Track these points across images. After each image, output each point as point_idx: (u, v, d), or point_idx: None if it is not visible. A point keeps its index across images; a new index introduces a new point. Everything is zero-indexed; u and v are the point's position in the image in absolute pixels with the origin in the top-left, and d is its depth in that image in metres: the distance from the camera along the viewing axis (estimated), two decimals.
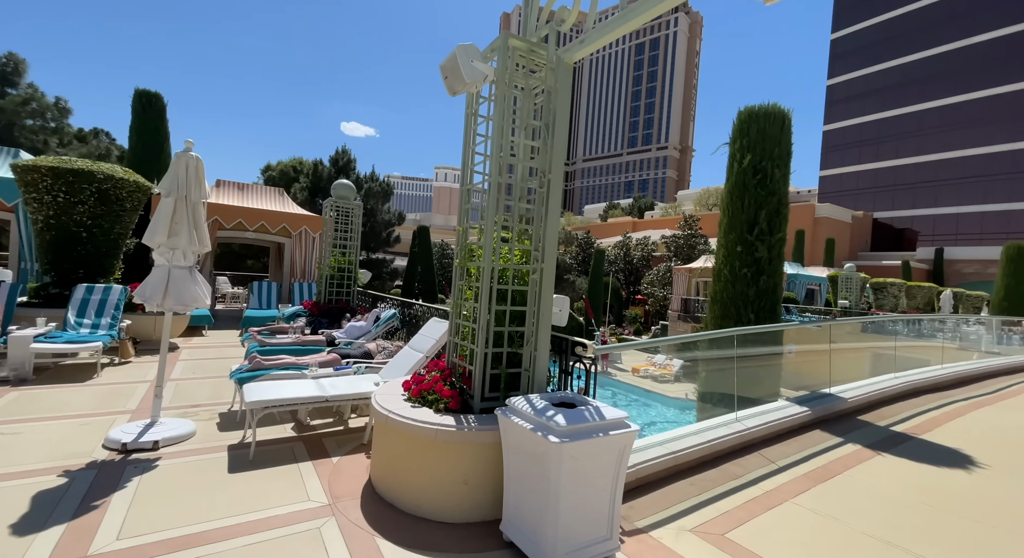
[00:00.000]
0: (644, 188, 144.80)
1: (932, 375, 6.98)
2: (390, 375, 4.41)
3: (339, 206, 8.48)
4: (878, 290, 28.02)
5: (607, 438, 2.38)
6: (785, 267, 27.52)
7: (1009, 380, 7.93)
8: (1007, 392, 6.80)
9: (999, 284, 13.41)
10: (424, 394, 3.20)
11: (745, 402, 5.01)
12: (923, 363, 7.89)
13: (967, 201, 46.55)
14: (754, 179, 5.79)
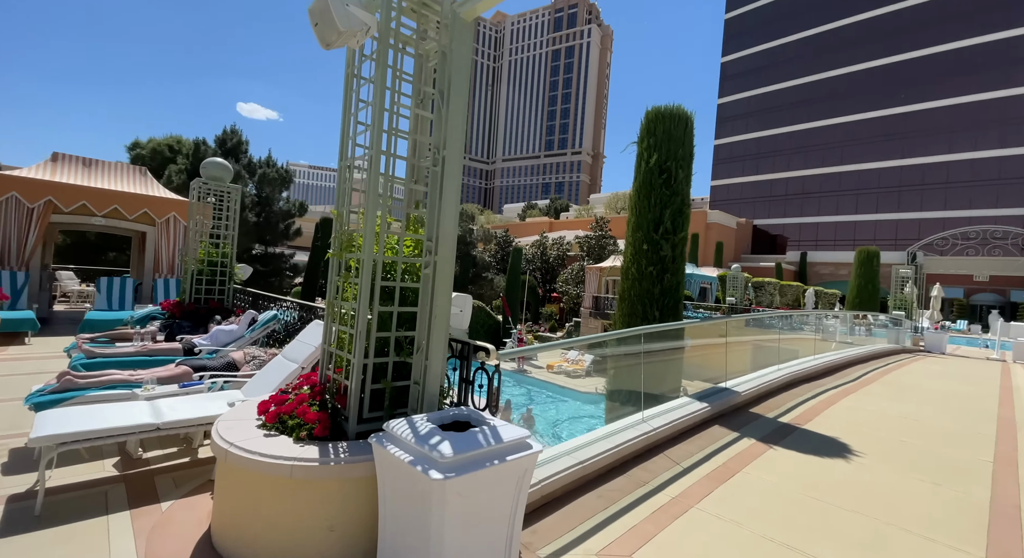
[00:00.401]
0: (560, 190, 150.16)
1: (806, 366, 7.70)
2: (254, 391, 3.64)
3: (212, 189, 7.21)
4: (758, 288, 31.60)
5: (504, 465, 1.99)
6: None
7: (862, 368, 9.08)
8: (863, 380, 7.72)
9: (852, 284, 15.59)
10: (283, 418, 2.56)
11: (651, 399, 4.98)
12: (799, 354, 8.73)
13: (825, 212, 54.58)
14: (660, 178, 5.87)
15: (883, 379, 7.94)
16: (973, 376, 9.19)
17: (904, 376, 8.48)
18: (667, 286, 5.91)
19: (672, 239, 5.87)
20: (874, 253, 15.49)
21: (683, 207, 5.95)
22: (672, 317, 6.04)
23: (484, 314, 23.86)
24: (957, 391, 7.31)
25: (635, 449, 3.88)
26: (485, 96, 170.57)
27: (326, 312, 2.95)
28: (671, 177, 5.85)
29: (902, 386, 7.48)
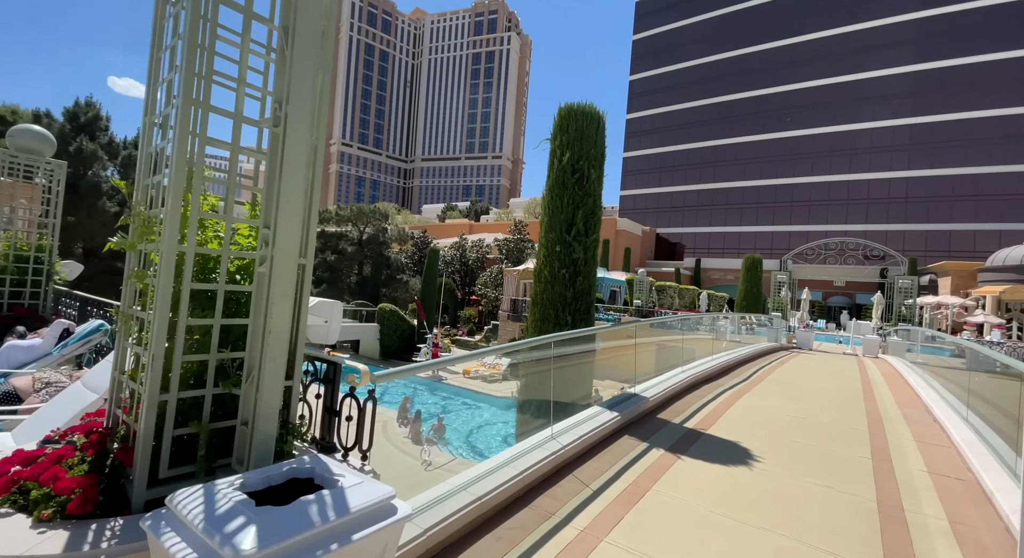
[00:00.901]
0: (481, 193, 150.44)
1: (706, 367, 8.00)
2: (31, 434, 2.60)
3: (22, 164, 5.60)
4: (660, 291, 33.93)
5: (349, 549, 1.39)
6: None
7: (752, 367, 9.77)
8: (754, 379, 8.23)
9: (740, 288, 17.08)
10: (26, 486, 1.71)
11: (561, 410, 4.65)
12: (700, 354, 9.10)
13: (716, 223, 60.62)
14: (573, 178, 5.62)
15: (770, 377, 8.53)
16: (838, 371, 10.34)
17: (786, 373, 9.24)
18: (580, 289, 5.68)
19: (585, 241, 5.64)
20: (757, 260, 17.18)
21: (595, 209, 5.76)
22: (584, 321, 5.83)
23: (397, 319, 22.60)
24: (830, 386, 8.06)
25: (543, 472, 3.47)
26: (404, 93, 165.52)
27: (119, 324, 2.10)
28: (584, 177, 5.63)
29: (786, 383, 8.08)
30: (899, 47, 50.27)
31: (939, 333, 13.43)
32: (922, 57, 49.05)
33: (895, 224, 49.53)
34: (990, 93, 46.36)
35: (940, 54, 48.22)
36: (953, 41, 47.70)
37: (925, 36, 49.01)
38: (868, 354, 17.59)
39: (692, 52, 63.47)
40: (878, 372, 10.37)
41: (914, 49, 49.45)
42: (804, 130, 55.13)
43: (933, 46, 48.55)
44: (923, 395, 6.96)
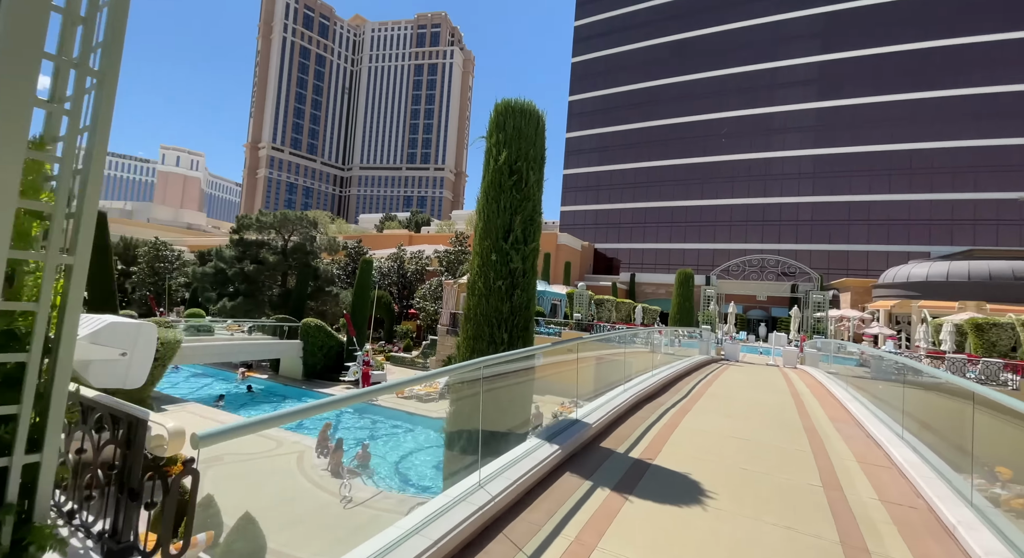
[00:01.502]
0: (422, 204, 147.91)
1: (648, 383, 7.71)
2: None
3: None
4: (599, 305, 34.52)
5: None
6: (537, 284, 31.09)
7: (690, 381, 9.70)
8: (694, 394, 8.07)
9: (674, 302, 17.48)
10: None
11: (493, 444, 3.97)
12: (640, 368, 8.84)
13: (648, 240, 63.59)
14: (510, 180, 5.07)
15: (708, 392, 8.43)
16: (768, 384, 10.60)
17: (721, 388, 9.24)
18: (517, 303, 5.09)
19: (523, 250, 5.08)
20: (689, 275, 17.74)
21: (535, 215, 5.24)
22: (523, 340, 5.23)
23: (323, 334, 20.81)
24: (764, 401, 8.08)
25: (466, 535, 2.76)
26: (342, 99, 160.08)
27: None
28: (522, 179, 5.09)
29: (723, 398, 8.00)
30: (804, 85, 56.25)
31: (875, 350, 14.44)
32: (823, 95, 55.19)
33: (803, 244, 54.68)
34: (874, 130, 53.03)
35: (837, 94, 54.54)
36: (847, 83, 54.19)
37: (825, 77, 55.27)
38: (788, 365, 18.67)
39: (627, 77, 67.00)
40: (803, 384, 10.74)
41: (816, 88, 55.56)
42: (726, 155, 59.73)
43: (832, 86, 54.84)
44: (851, 409, 7.09)
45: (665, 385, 8.47)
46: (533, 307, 5.31)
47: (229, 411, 16.08)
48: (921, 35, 51.11)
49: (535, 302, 5.40)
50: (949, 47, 50.17)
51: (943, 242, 49.89)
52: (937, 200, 50.74)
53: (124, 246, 45.53)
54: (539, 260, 29.50)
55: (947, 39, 50.11)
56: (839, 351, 14.38)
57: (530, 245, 5.13)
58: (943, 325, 23.54)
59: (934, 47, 50.69)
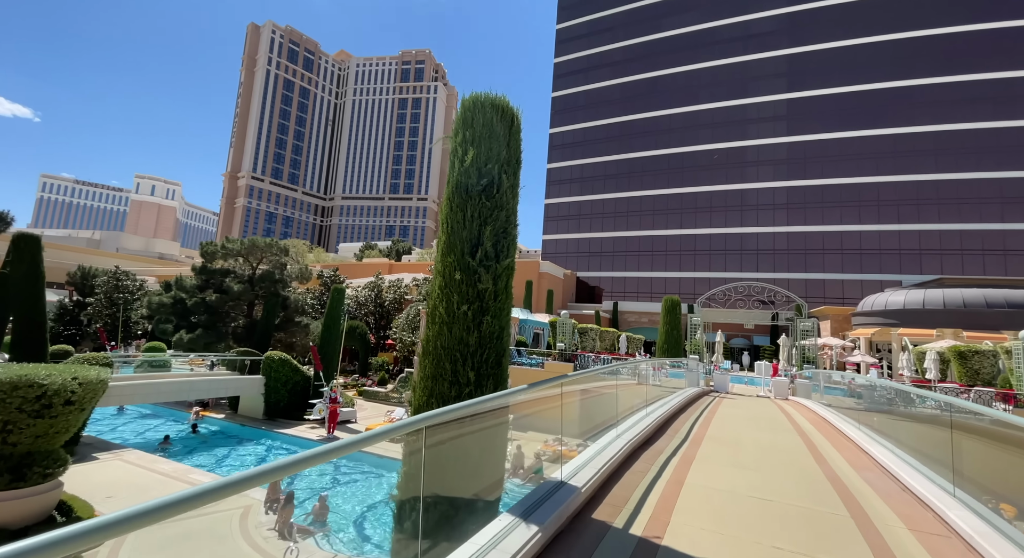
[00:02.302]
0: (405, 234, 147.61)
1: (642, 426, 6.73)
2: None
3: None
4: (583, 334, 33.62)
5: None
6: (517, 312, 29.81)
7: (686, 419, 8.75)
8: (693, 438, 7.12)
9: (661, 331, 16.69)
10: None
11: (447, 525, 2.94)
12: (633, 405, 7.86)
13: (631, 268, 63.73)
14: (479, 185, 4.24)
15: (709, 434, 7.49)
16: (768, 420, 9.73)
17: (722, 428, 8.32)
18: (487, 333, 4.14)
19: (494, 267, 4.17)
20: (676, 303, 17.08)
21: (508, 226, 4.37)
22: (493, 378, 4.24)
23: (288, 369, 19.24)
24: (773, 443, 7.17)
25: None
26: (325, 130, 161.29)
27: None
28: (493, 184, 4.26)
29: (727, 441, 7.07)
30: (774, 121, 58.63)
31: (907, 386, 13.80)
32: (792, 131, 57.52)
33: (780, 273, 55.45)
34: (842, 164, 55.18)
35: (805, 129, 56.92)
36: (813, 119, 56.69)
37: (793, 113, 57.78)
38: (779, 396, 17.92)
39: (605, 112, 68.97)
40: (805, 420, 9.92)
41: (785, 124, 57.93)
42: (703, 186, 61.13)
43: (799, 122, 57.27)
44: (874, 453, 6.23)
45: (661, 425, 7.50)
46: (507, 337, 4.36)
47: (175, 458, 14.30)
48: (877, 77, 54.23)
49: (509, 331, 4.46)
50: (902, 88, 53.26)
51: (913, 271, 51.25)
52: (905, 230, 52.45)
53: (82, 275, 43.03)
54: (520, 287, 29.11)
55: (900, 81, 53.25)
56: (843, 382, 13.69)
57: (503, 262, 4.24)
58: (926, 353, 23.33)
59: (889, 88, 53.74)
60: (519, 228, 4.55)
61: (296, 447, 16.30)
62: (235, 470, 13.08)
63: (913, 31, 53.24)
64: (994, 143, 49.48)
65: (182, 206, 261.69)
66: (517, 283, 46.33)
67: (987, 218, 49.26)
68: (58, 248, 55.55)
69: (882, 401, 9.67)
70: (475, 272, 4.06)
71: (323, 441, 16.45)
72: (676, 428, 7.67)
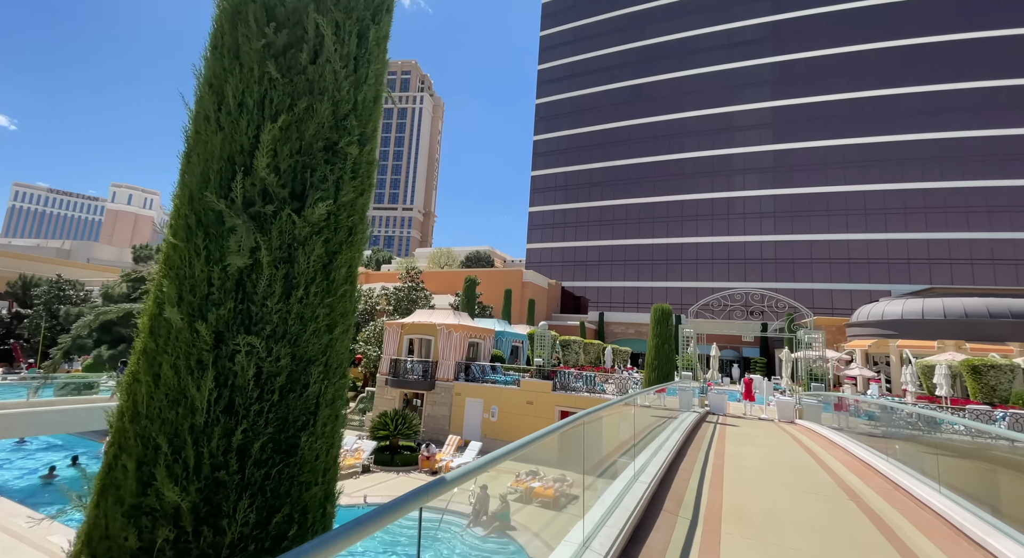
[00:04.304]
0: (390, 244, 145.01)
1: (633, 502, 4.37)
2: None
3: None
4: (565, 347, 31.29)
5: None
6: (494, 324, 27.33)
7: (694, 458, 6.44)
8: (707, 516, 4.78)
9: (650, 344, 14.47)
10: None
11: None
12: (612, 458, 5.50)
13: (616, 278, 61.91)
14: (263, 33, 1.94)
15: (727, 506, 5.16)
16: (791, 462, 7.48)
17: (740, 472, 6.06)
18: (246, 378, 1.74)
19: (288, 221, 1.84)
20: (668, 312, 14.89)
21: (340, 134, 2.05)
22: (268, 499, 1.80)
23: None
24: (808, 504, 4.88)
25: None
26: None
27: None
28: (303, 38, 1.98)
29: (758, 524, 4.76)
30: (759, 129, 57.89)
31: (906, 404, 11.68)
32: (777, 139, 56.78)
33: (768, 282, 54.11)
34: (828, 172, 54.46)
35: (790, 137, 56.22)
36: (799, 127, 56.05)
37: (778, 121, 57.11)
38: (784, 419, 15.75)
39: (590, 119, 67.78)
40: (832, 458, 7.69)
41: (771, 132, 57.21)
42: (689, 195, 59.91)
43: (785, 130, 56.58)
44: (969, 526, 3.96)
45: (671, 466, 5.16)
46: (337, 384, 1.99)
47: (42, 507, 11.41)
48: (863, 85, 53.93)
49: (341, 358, 2.07)
50: (888, 97, 52.96)
51: (902, 280, 50.29)
52: (893, 239, 51.63)
53: (23, 285, 39.45)
54: (499, 297, 26.34)
55: (886, 89, 52.97)
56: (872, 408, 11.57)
57: (317, 209, 1.89)
58: (935, 368, 21.45)
59: (875, 96, 53.42)
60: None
61: None
62: None
63: (899, 40, 53.18)
64: (979, 152, 49.18)
65: (160, 216, 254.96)
66: (495, 292, 43.86)
67: (975, 227, 48.67)
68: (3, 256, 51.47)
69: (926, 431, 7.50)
70: (228, 229, 1.70)
71: None
72: (688, 468, 5.35)
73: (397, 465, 15.68)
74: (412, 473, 15.39)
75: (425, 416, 20.71)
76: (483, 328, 23.14)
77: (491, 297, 42.79)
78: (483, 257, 71.22)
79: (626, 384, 17.31)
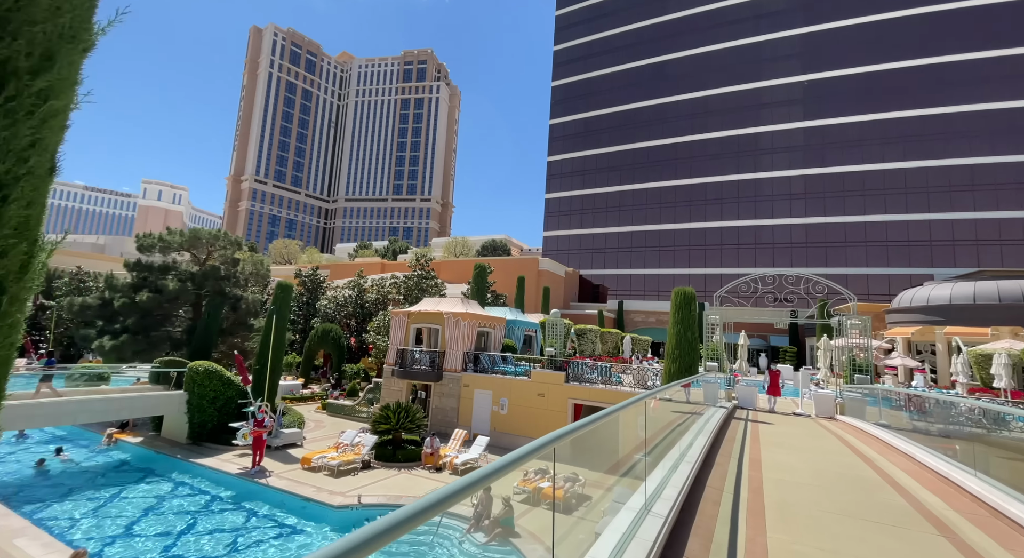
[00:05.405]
0: (408, 235, 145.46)
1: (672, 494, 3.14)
2: None
3: None
4: (581, 335, 29.96)
5: None
6: (505, 313, 26.19)
7: (724, 468, 5.13)
8: (752, 513, 3.51)
9: (671, 332, 13.06)
10: None
11: None
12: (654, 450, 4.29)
13: (636, 265, 59.89)
14: None
15: (770, 500, 3.88)
16: (837, 465, 6.10)
17: (782, 486, 4.76)
18: None
19: None
20: (691, 296, 13.41)
21: None
22: None
23: (217, 383, 15.86)
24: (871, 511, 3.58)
25: None
26: (328, 132, 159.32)
27: None
28: None
29: (805, 524, 3.50)
30: (789, 105, 54.54)
31: None
32: (809, 115, 53.39)
33: (798, 267, 51.31)
34: (864, 149, 50.94)
35: (823, 113, 52.76)
36: (832, 102, 52.52)
37: (810, 97, 53.64)
38: (822, 414, 14.16)
39: (608, 100, 65.27)
40: (894, 466, 6.28)
41: (802, 108, 53.81)
42: (713, 177, 57.16)
43: (817, 106, 53.13)
44: None
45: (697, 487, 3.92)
46: None
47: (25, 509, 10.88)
48: (903, 54, 49.98)
49: None
50: (931, 66, 48.95)
51: (946, 263, 46.91)
52: (936, 220, 48.12)
53: (47, 277, 40.25)
54: (512, 285, 24.78)
55: (928, 58, 48.94)
56: None
57: None
58: (993, 357, 19.29)
59: (917, 66, 49.46)
60: None
61: (209, 486, 12.86)
62: None
63: (943, 4, 48.96)
64: None
65: (188, 210, 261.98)
66: (510, 280, 42.57)
67: None
68: None
69: None
70: None
71: (244, 475, 13.02)
72: (717, 485, 4.07)
73: (399, 461, 14.80)
74: (415, 470, 14.48)
75: (432, 408, 19.82)
76: (493, 316, 22.02)
77: (506, 286, 41.67)
78: (499, 246, 70.01)
79: (645, 375, 15.95)
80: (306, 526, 10.85)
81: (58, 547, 8.33)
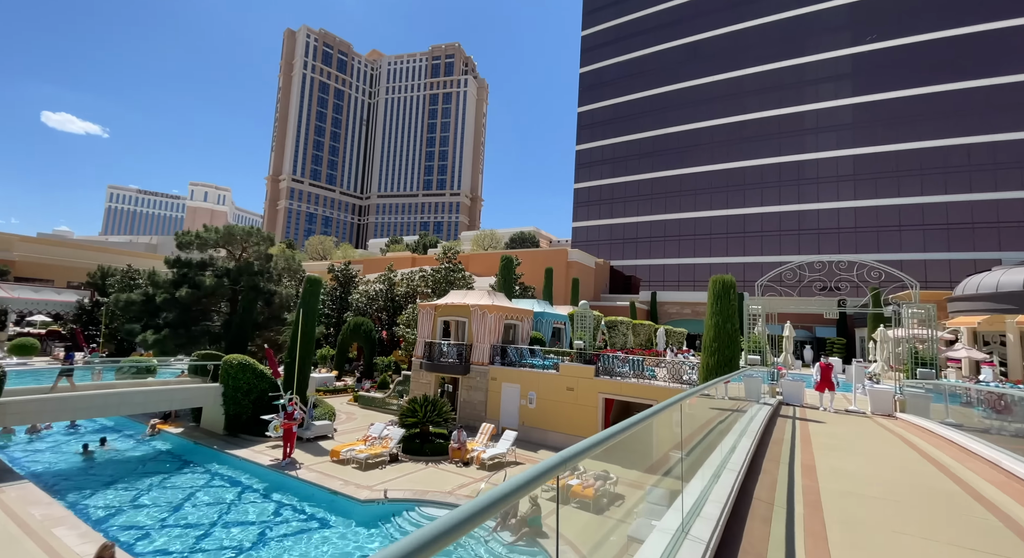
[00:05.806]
0: (439, 229, 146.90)
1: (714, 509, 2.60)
2: None
3: None
4: (611, 328, 29.10)
5: None
6: (533, 305, 25.68)
7: (773, 477, 4.48)
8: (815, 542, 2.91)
9: (708, 323, 12.20)
10: None
11: None
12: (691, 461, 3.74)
13: (670, 255, 57.93)
14: None
15: (831, 518, 3.25)
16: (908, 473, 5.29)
17: (846, 499, 4.10)
18: None
19: None
20: (730, 284, 12.46)
21: None
22: None
23: (250, 375, 16.17)
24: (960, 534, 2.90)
25: None
26: (359, 130, 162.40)
27: None
28: None
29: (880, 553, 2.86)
30: (836, 81, 50.93)
31: None
32: (858, 90, 49.69)
33: (848, 254, 48.11)
34: (920, 125, 46.96)
35: (874, 88, 48.97)
36: (885, 76, 48.64)
37: (860, 71, 49.90)
38: (879, 411, 12.96)
39: (638, 84, 63.02)
40: (975, 475, 5.41)
41: (850, 83, 50.14)
42: (752, 160, 54.31)
43: (868, 80, 49.35)
44: None
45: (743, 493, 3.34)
46: None
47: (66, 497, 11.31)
48: (964, 20, 45.55)
49: None
50: (996, 31, 44.38)
51: (1016, 247, 42.80)
52: (1004, 199, 43.90)
53: (101, 275, 42.73)
54: (540, 277, 24.05)
55: (993, 23, 44.38)
56: None
57: None
58: None
59: (980, 32, 44.97)
60: None
61: (242, 477, 13.10)
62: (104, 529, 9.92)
63: None
64: None
65: (232, 210, 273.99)
66: (538, 272, 41.90)
67: None
68: (82, 248, 56.27)
69: None
70: None
71: (275, 466, 13.18)
72: (766, 499, 3.47)
73: (427, 454, 14.66)
74: (442, 464, 14.29)
75: (460, 401, 19.63)
76: (520, 309, 21.57)
77: (534, 278, 41.09)
78: (528, 238, 69.37)
79: (680, 369, 15.12)
80: (333, 520, 10.81)
81: (94, 537, 8.53)
